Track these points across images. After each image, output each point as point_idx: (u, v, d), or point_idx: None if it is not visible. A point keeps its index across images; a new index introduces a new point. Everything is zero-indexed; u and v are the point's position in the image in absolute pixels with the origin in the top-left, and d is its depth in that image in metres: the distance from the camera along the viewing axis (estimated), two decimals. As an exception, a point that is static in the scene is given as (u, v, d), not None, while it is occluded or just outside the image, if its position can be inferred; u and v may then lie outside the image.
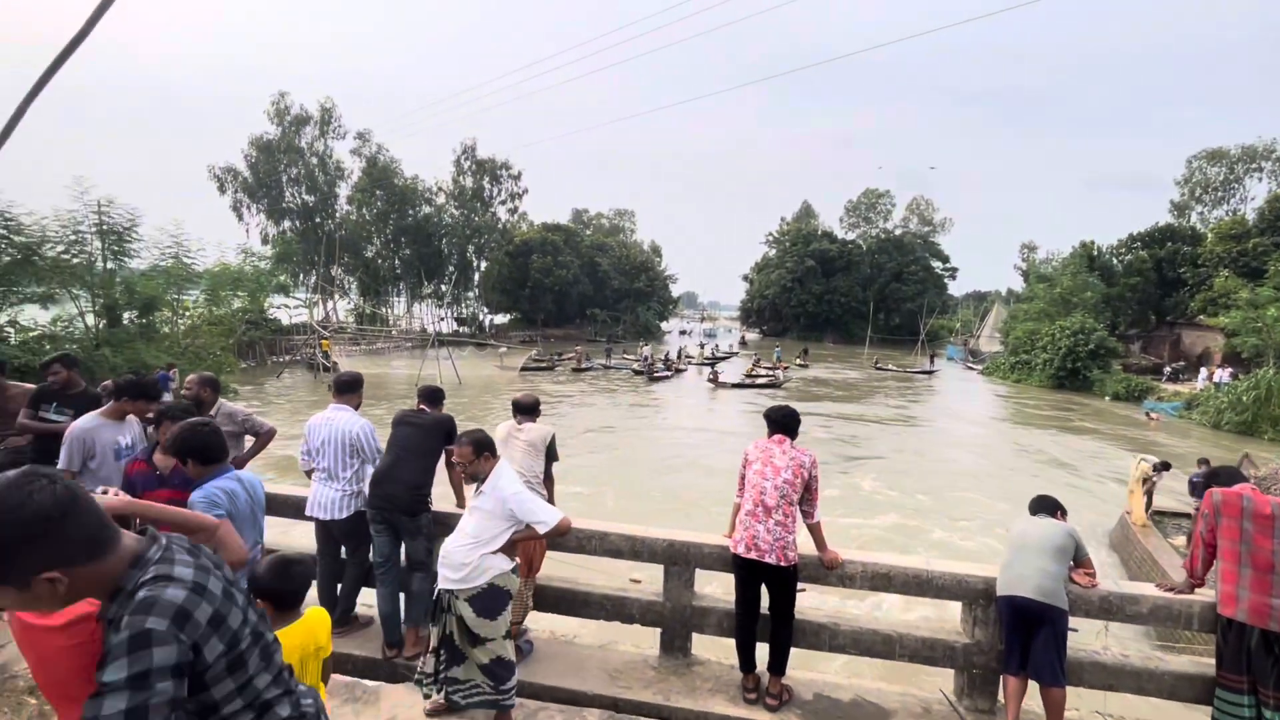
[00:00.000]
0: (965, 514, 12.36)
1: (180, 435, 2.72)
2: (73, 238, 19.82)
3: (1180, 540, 9.14)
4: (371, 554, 3.87)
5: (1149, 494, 9.78)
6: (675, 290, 76.93)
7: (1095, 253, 41.79)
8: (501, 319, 62.19)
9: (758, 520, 3.44)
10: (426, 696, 3.22)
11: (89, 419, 3.63)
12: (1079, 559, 3.49)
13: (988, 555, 9.89)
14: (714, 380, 30.84)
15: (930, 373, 39.92)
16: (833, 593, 6.37)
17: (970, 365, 45.32)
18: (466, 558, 3.02)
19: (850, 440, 19.00)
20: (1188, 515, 9.93)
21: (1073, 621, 3.38)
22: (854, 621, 3.75)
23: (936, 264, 69.35)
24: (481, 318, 60.16)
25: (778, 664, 3.52)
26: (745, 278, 76.51)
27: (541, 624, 4.26)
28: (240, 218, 44.39)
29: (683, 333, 76.12)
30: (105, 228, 20.55)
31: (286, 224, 45.31)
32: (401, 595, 3.89)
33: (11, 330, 18.21)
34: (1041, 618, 3.25)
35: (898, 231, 71.04)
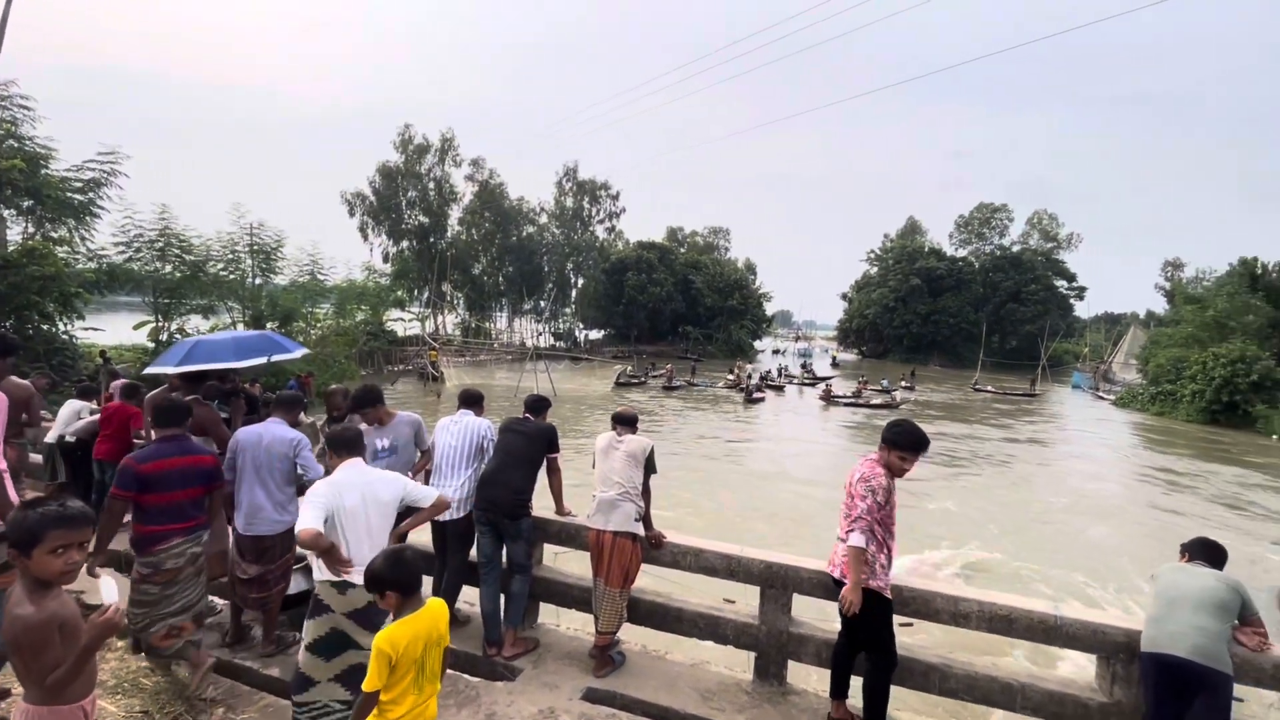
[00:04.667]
0: (1089, 555, 11.12)
1: None
2: (230, 256, 22.61)
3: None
4: (475, 554, 4.05)
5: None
6: (770, 309, 75.44)
7: (1259, 270, 36.58)
8: (596, 334, 63.72)
9: (839, 540, 3.37)
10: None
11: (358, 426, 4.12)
12: (1245, 617, 3.03)
13: (1118, 601, 8.84)
14: (826, 397, 30.62)
15: (1031, 395, 37.98)
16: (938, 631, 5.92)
17: (1101, 394, 41.07)
18: None
19: (955, 461, 17.70)
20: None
21: (1237, 690, 2.94)
22: (969, 665, 3.46)
23: (1060, 283, 63.70)
24: (577, 333, 61.90)
25: (869, 708, 3.29)
26: (844, 296, 73.91)
27: (634, 636, 4.26)
28: (365, 238, 48.44)
29: (776, 352, 74.43)
30: (256, 248, 23.26)
31: (405, 244, 48.92)
32: (501, 596, 4.03)
33: (180, 337, 20.91)
34: (1200, 683, 2.85)
35: (1016, 248, 66.11)
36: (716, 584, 4.08)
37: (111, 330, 20.58)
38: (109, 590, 1.79)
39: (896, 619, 3.35)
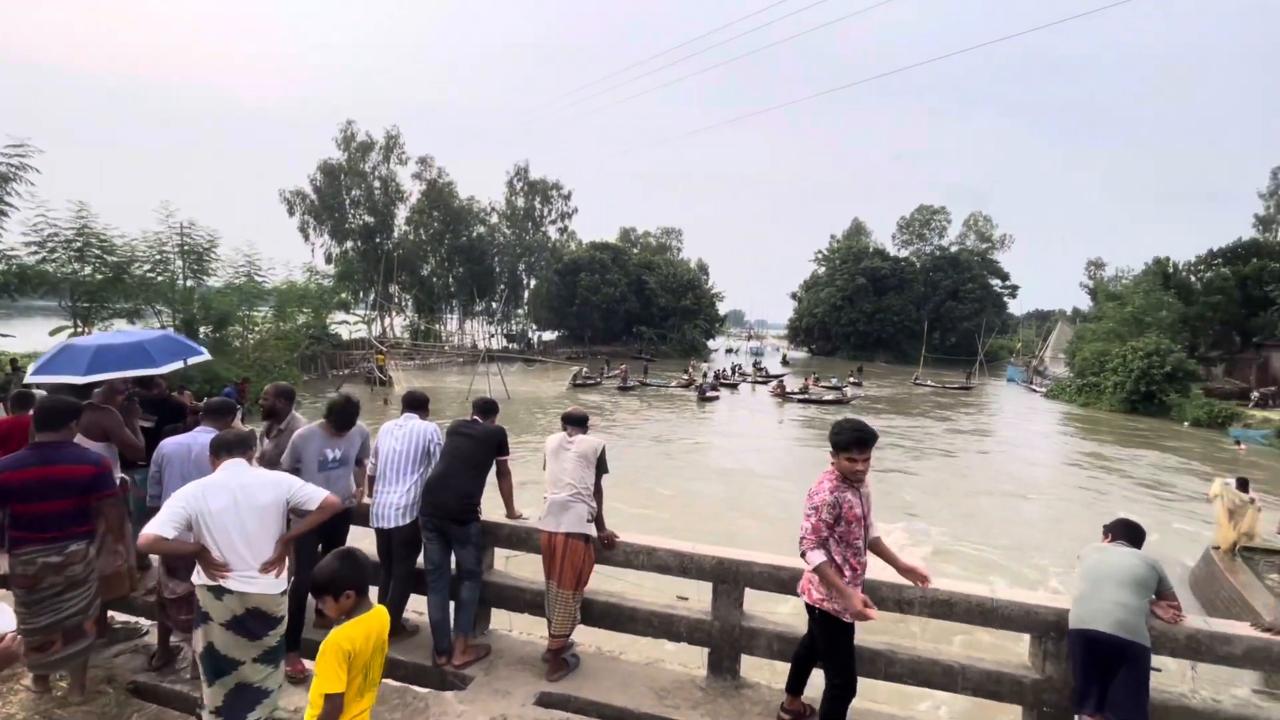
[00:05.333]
0: (1026, 532, 11.74)
1: None
2: (158, 257, 21.37)
3: (1276, 578, 8.40)
4: (423, 561, 3.94)
5: (1239, 521, 9.06)
6: (722, 308, 76.43)
7: (1171, 270, 39.36)
8: (549, 336, 63.23)
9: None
10: None
11: (304, 430, 3.91)
12: (1161, 592, 3.23)
13: (1047, 578, 9.34)
14: (780, 394, 32.08)
15: (967, 389, 40.82)
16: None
17: (1033, 387, 43.37)
18: None
19: (905, 451, 18.38)
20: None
21: (1155, 660, 3.13)
22: (912, 649, 3.58)
23: (995, 282, 66.84)
24: (530, 334, 61.26)
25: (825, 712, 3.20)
26: (794, 296, 75.51)
27: (588, 638, 4.23)
28: (306, 238, 46.69)
29: (729, 351, 75.50)
30: (187, 248, 22.06)
31: (349, 244, 47.37)
32: (451, 603, 3.94)
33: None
34: (1122, 654, 3.02)
35: (954, 249, 68.98)
36: (670, 582, 4.09)
37: (24, 336, 19.17)
38: (3, 618, 1.65)
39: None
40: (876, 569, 3.66)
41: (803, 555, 3.07)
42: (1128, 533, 3.47)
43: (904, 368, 55.38)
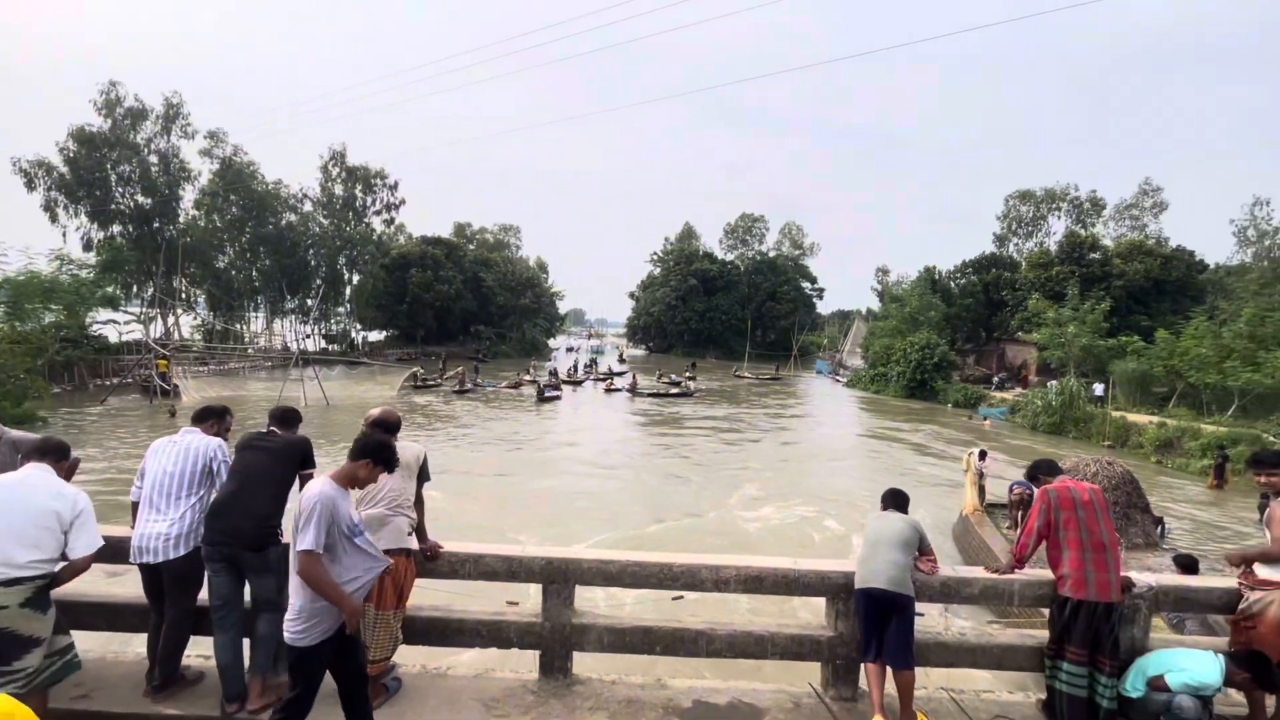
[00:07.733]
0: (830, 489, 14.35)
1: None
2: None
3: (1007, 526, 10.41)
4: (207, 596, 3.43)
5: (980, 485, 11.06)
6: (563, 307, 76.71)
7: (936, 276, 47.13)
8: (376, 336, 58.66)
9: None
10: None
11: (328, 488, 2.74)
12: (923, 549, 3.83)
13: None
14: (632, 389, 33.80)
15: (777, 379, 46.47)
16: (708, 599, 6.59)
17: (837, 378, 49.33)
18: None
19: (739, 431, 19.93)
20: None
21: (919, 606, 3.70)
22: (729, 625, 3.86)
23: (806, 285, 74.75)
24: (354, 334, 56.29)
25: None
26: (632, 295, 77.90)
27: (411, 657, 3.99)
28: (55, 219, 38.31)
29: (570, 350, 75.87)
30: None
31: (116, 228, 39.80)
32: (245, 641, 3.48)
33: None
34: (893, 606, 3.53)
35: (772, 254, 75.82)
36: (502, 588, 3.99)
37: None
38: None
39: (668, 594, 3.60)
40: (692, 544, 3.89)
41: None
42: (896, 500, 4.07)
43: (732, 363, 59.81)
